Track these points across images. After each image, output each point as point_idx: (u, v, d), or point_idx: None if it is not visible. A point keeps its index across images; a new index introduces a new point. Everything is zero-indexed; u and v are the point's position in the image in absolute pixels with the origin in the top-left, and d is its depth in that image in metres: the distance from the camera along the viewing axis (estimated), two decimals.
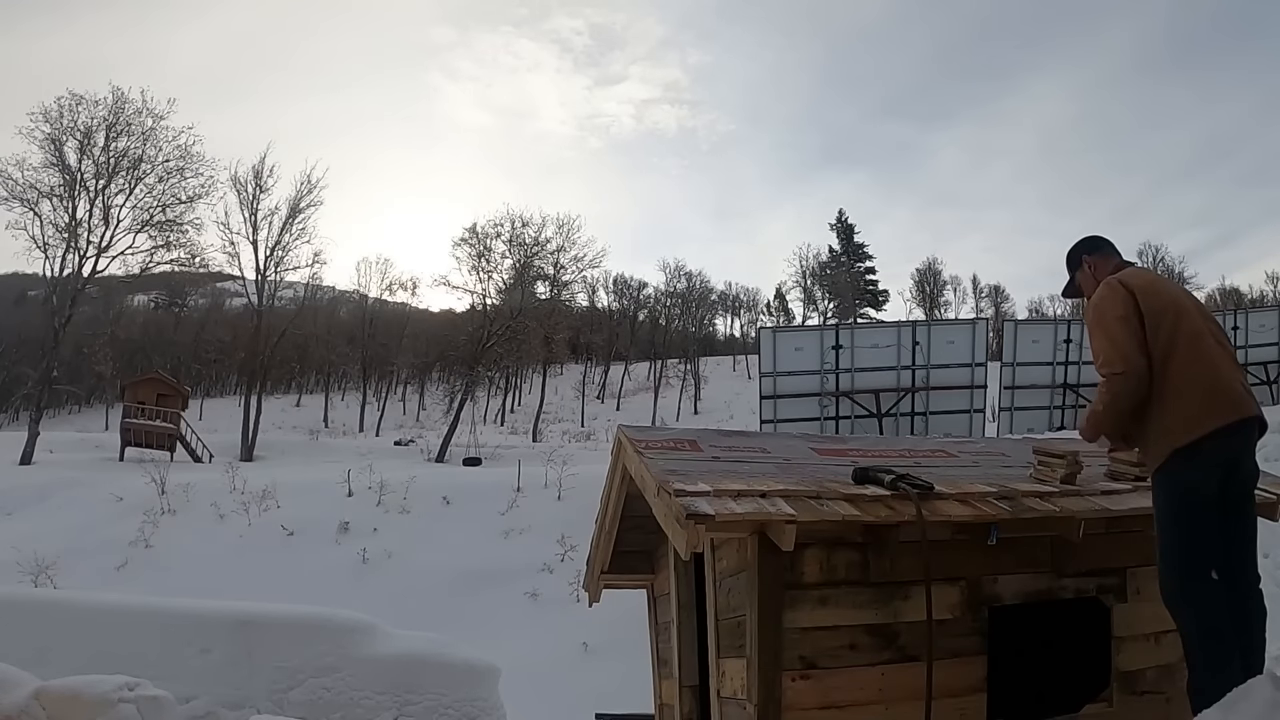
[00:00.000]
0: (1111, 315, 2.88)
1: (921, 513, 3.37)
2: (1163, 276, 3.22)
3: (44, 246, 33.78)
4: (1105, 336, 2.88)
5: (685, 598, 4.83)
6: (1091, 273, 3.17)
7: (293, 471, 25.47)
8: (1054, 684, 3.77)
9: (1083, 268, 3.21)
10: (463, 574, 16.50)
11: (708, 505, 3.18)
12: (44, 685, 3.69)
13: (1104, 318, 2.90)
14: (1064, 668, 3.84)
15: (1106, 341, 2.87)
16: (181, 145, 35.00)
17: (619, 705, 7.44)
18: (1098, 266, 3.16)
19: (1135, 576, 3.87)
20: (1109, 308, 2.90)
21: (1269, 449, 12.17)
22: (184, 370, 59.76)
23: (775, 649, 3.34)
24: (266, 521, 19.41)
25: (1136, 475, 4.09)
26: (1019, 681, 3.66)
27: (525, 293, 41.79)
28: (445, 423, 39.07)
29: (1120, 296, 2.90)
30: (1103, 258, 3.19)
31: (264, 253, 40.13)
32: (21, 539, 17.05)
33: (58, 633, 5.46)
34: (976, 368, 21.33)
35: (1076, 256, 3.24)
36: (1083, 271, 3.21)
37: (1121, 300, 2.89)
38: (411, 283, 60.38)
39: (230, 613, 5.99)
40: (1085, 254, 3.21)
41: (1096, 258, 3.19)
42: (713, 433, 4.71)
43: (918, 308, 73.36)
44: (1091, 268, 3.18)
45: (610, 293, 73.08)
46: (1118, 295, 2.91)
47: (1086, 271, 3.19)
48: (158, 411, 32.66)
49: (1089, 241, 3.26)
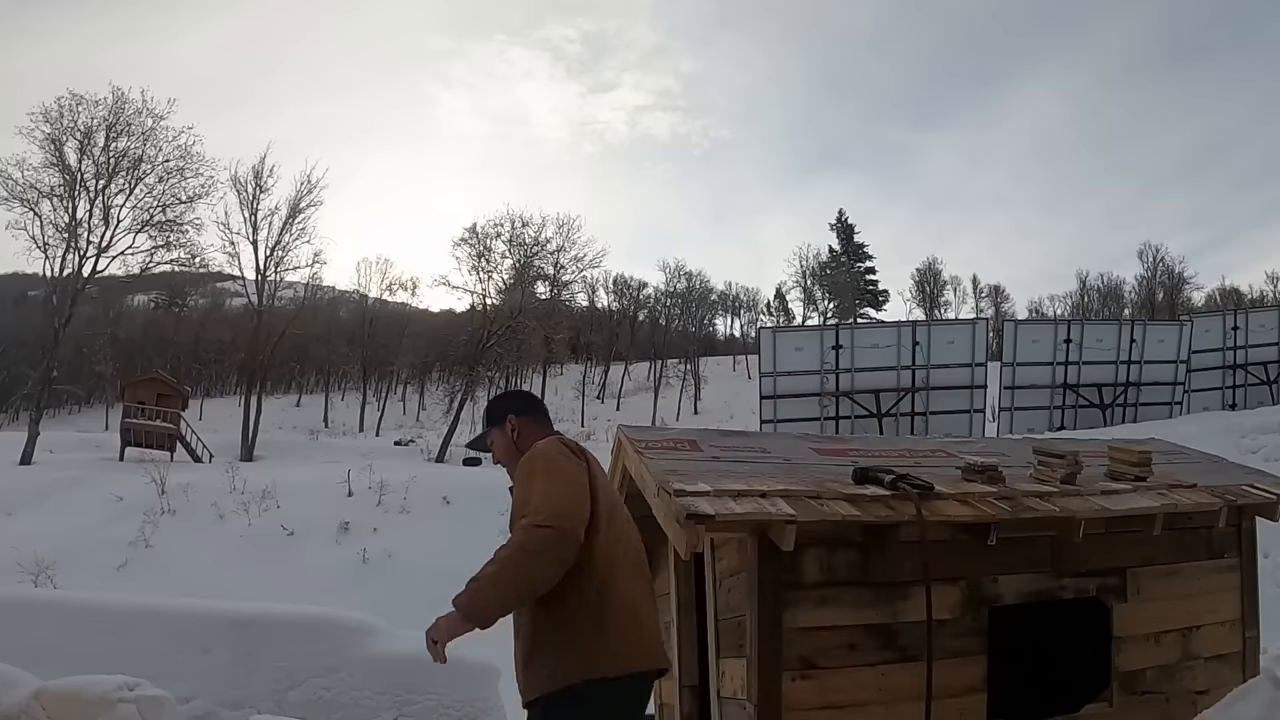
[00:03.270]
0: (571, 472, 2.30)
1: (921, 513, 3.37)
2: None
3: (44, 246, 33.92)
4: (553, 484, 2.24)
5: (685, 598, 4.83)
6: (514, 437, 2.60)
7: (293, 471, 25.47)
8: (1054, 684, 3.78)
9: (504, 426, 2.62)
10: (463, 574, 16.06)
11: (708, 505, 3.18)
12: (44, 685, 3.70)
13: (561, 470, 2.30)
14: (1064, 668, 3.84)
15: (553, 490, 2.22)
16: (181, 145, 35.14)
17: None
18: (522, 432, 2.59)
19: (1135, 576, 3.87)
20: (569, 466, 2.33)
21: (1269, 449, 12.24)
22: (184, 370, 59.79)
23: (775, 649, 3.34)
24: (266, 521, 19.43)
25: (1136, 475, 4.10)
26: (1019, 681, 3.66)
27: (525, 293, 41.85)
28: (445, 423, 39.09)
29: (580, 465, 2.36)
30: (532, 423, 2.62)
31: (264, 253, 40.16)
32: (21, 539, 17.07)
33: (58, 633, 5.46)
34: (976, 368, 21.34)
35: (501, 413, 2.65)
36: (502, 430, 2.62)
37: (580, 468, 2.35)
38: (411, 283, 60.58)
39: (230, 613, 5.99)
40: (513, 414, 2.63)
41: (525, 421, 2.62)
42: (713, 433, 4.70)
43: (918, 308, 73.40)
44: (515, 430, 2.60)
45: (610, 293, 73.15)
46: (580, 464, 2.37)
47: (508, 433, 2.61)
48: (158, 411, 32.65)
49: (522, 401, 2.73)
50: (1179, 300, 63.39)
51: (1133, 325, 22.89)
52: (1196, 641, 3.98)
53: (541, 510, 2.15)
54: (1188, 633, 3.97)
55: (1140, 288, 67.29)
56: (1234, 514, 4.06)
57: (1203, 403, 22.32)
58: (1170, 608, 3.94)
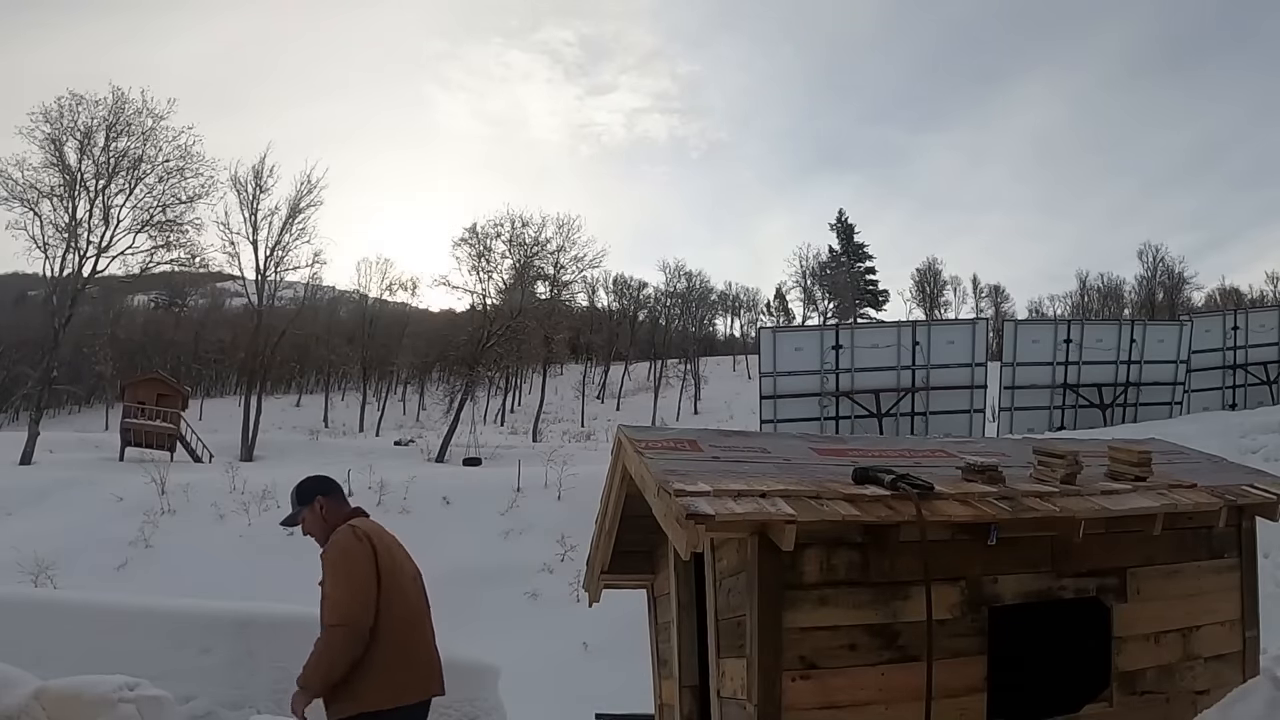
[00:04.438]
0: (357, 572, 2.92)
1: (921, 513, 3.37)
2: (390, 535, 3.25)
3: (44, 246, 33.85)
4: (342, 588, 2.88)
5: (685, 598, 4.83)
6: (322, 514, 3.19)
7: (293, 471, 25.36)
8: (1054, 684, 3.77)
9: (313, 506, 3.20)
10: (463, 574, 16.48)
11: (708, 505, 3.18)
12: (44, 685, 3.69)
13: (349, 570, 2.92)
14: (1064, 668, 3.84)
15: (341, 595, 2.88)
16: (181, 145, 35.04)
17: (619, 705, 7.43)
18: (329, 509, 3.19)
19: (1135, 576, 3.87)
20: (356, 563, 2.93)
21: (1269, 449, 12.23)
22: (184, 370, 59.81)
23: (775, 649, 3.34)
24: (266, 521, 19.37)
25: (1136, 475, 4.09)
26: (1019, 681, 3.66)
27: (525, 293, 41.76)
28: (445, 423, 39.05)
29: (366, 552, 2.96)
30: (335, 501, 3.23)
31: (264, 253, 40.16)
32: (21, 539, 17.06)
33: (58, 633, 5.45)
34: (976, 368, 21.33)
35: (310, 494, 3.23)
36: (312, 510, 3.20)
37: (366, 556, 2.95)
38: (411, 283, 60.54)
39: (231, 613, 5.98)
40: (320, 494, 3.22)
41: (330, 500, 3.22)
42: (713, 433, 4.70)
43: (918, 308, 73.44)
44: (323, 508, 3.19)
45: (610, 293, 73.19)
46: (365, 550, 2.97)
47: (317, 511, 3.19)
48: (158, 411, 32.63)
49: (323, 482, 3.28)
50: (1179, 300, 63.42)
51: (1133, 325, 22.87)
52: (1196, 641, 3.98)
53: (337, 613, 2.86)
54: (1188, 633, 3.97)
55: (1140, 288, 67.39)
56: (1234, 514, 4.06)
57: (1203, 403, 22.31)
58: (1170, 608, 3.94)
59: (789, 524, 3.19)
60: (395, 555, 3.11)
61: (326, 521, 3.16)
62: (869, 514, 3.38)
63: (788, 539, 3.20)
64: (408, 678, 2.98)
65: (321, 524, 3.17)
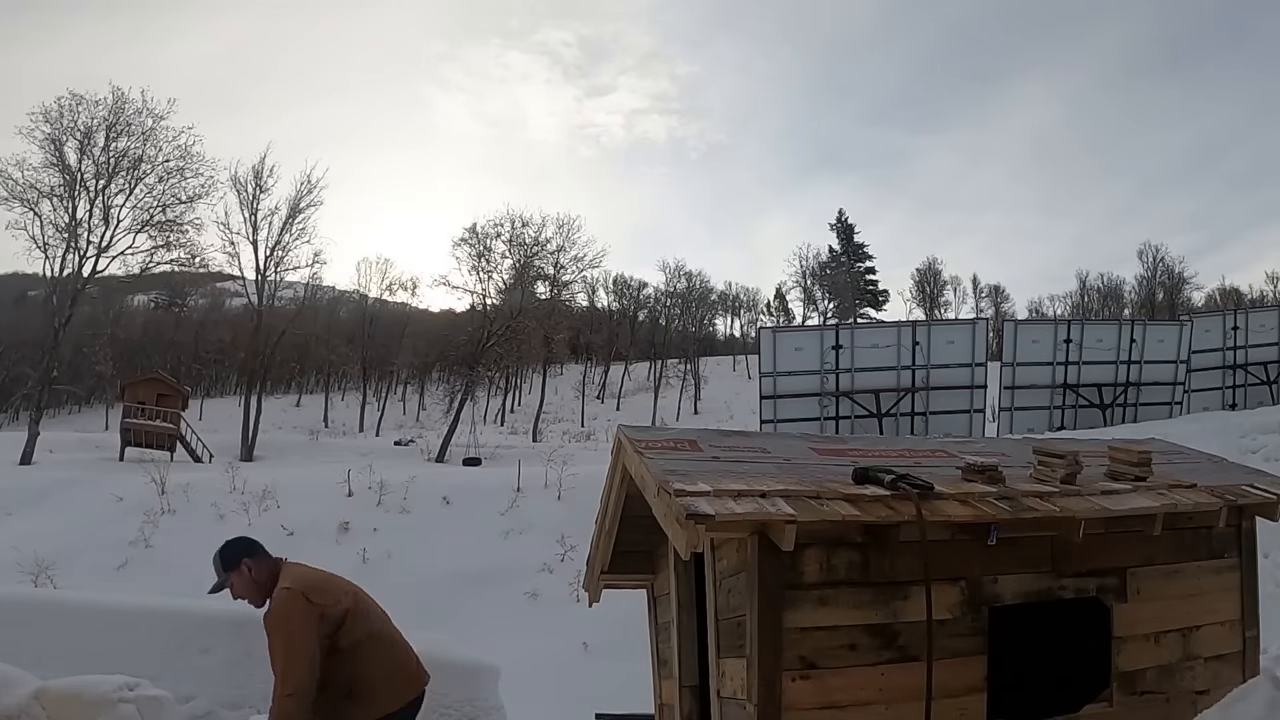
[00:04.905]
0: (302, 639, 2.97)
1: (921, 513, 3.37)
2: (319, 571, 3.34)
3: (44, 246, 33.82)
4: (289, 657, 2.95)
5: (685, 598, 4.83)
6: (252, 575, 3.22)
7: (293, 471, 25.45)
8: (1054, 684, 3.77)
9: (240, 570, 3.23)
10: (463, 574, 16.50)
11: (708, 505, 3.18)
12: (44, 685, 3.70)
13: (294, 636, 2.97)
14: (1064, 668, 3.84)
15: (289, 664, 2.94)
16: (181, 145, 34.99)
17: (619, 705, 7.42)
18: (257, 569, 3.23)
19: (1135, 576, 3.87)
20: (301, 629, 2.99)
21: (1269, 449, 12.23)
22: (184, 370, 59.74)
23: (775, 649, 3.34)
24: (266, 521, 19.36)
25: (1136, 475, 4.09)
26: (1019, 681, 3.66)
27: (525, 293, 41.73)
28: (445, 423, 39.03)
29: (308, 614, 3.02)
30: (262, 561, 3.26)
31: (264, 253, 40.13)
32: (21, 539, 17.05)
33: (58, 633, 5.45)
34: (976, 368, 21.32)
35: (235, 559, 3.24)
36: (240, 574, 3.23)
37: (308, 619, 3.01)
38: (411, 283, 60.55)
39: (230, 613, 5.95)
40: (246, 558, 3.24)
41: (257, 560, 3.25)
42: (713, 433, 4.70)
43: (918, 308, 73.45)
44: (251, 569, 3.22)
45: (610, 293, 73.19)
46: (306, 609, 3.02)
47: (246, 574, 3.22)
48: (158, 411, 32.63)
49: (246, 544, 3.31)
50: (1179, 300, 63.41)
51: (1133, 325, 22.86)
52: (1196, 641, 3.98)
53: (288, 684, 2.93)
54: (1188, 633, 3.96)
55: (1140, 288, 67.39)
56: (1234, 514, 4.06)
57: (1203, 403, 22.31)
58: (1170, 608, 3.94)
59: (789, 524, 3.19)
60: (333, 588, 3.21)
61: (258, 583, 3.21)
62: (869, 514, 3.37)
63: (788, 539, 3.20)
64: (405, 678, 3.28)
65: (253, 585, 3.21)
